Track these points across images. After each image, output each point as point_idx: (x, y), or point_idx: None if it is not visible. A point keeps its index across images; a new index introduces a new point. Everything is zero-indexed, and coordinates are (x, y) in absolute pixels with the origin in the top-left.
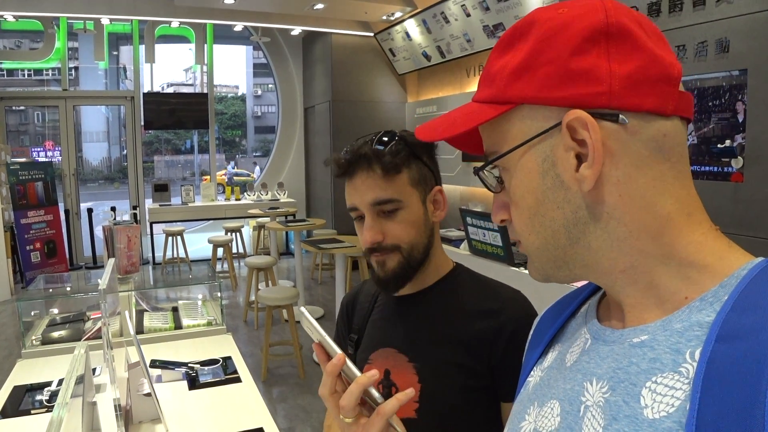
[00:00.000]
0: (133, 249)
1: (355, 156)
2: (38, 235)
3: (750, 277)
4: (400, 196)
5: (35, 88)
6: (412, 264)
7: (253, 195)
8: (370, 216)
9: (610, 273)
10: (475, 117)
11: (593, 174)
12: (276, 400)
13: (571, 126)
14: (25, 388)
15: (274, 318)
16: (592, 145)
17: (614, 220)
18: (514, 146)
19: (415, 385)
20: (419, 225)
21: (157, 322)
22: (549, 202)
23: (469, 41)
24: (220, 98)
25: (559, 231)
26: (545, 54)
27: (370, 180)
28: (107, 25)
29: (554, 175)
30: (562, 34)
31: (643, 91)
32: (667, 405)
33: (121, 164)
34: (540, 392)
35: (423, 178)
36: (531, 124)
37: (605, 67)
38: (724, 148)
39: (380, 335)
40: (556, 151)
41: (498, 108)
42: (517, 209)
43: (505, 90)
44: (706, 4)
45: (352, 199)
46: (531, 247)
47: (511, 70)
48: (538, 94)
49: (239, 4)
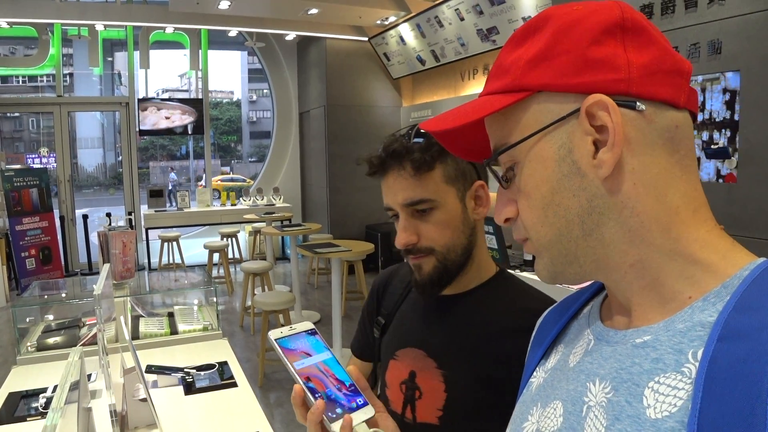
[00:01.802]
0: (128, 255)
1: (387, 153)
2: (33, 241)
3: (752, 278)
4: (433, 195)
5: (30, 94)
6: (450, 267)
7: (248, 200)
8: (403, 216)
9: (619, 268)
10: (489, 106)
11: (613, 157)
12: (273, 405)
13: (590, 111)
14: (21, 394)
15: (271, 323)
16: (613, 128)
17: (627, 210)
18: (530, 134)
19: (441, 393)
20: (456, 225)
21: (152, 327)
22: (564, 190)
23: (463, 45)
24: (215, 104)
25: (573, 221)
26: (563, 44)
27: (401, 179)
28: (101, 31)
29: (571, 161)
30: (579, 26)
31: (659, 81)
32: (670, 405)
33: (116, 170)
34: (543, 393)
35: (461, 174)
36: (547, 112)
37: (623, 56)
38: (717, 149)
39: (410, 333)
40: (572, 137)
41: (514, 96)
42: (529, 201)
43: (522, 78)
44: (698, 6)
45: (386, 199)
46: (543, 240)
47: (527, 59)
48: (557, 80)
49: (233, 10)
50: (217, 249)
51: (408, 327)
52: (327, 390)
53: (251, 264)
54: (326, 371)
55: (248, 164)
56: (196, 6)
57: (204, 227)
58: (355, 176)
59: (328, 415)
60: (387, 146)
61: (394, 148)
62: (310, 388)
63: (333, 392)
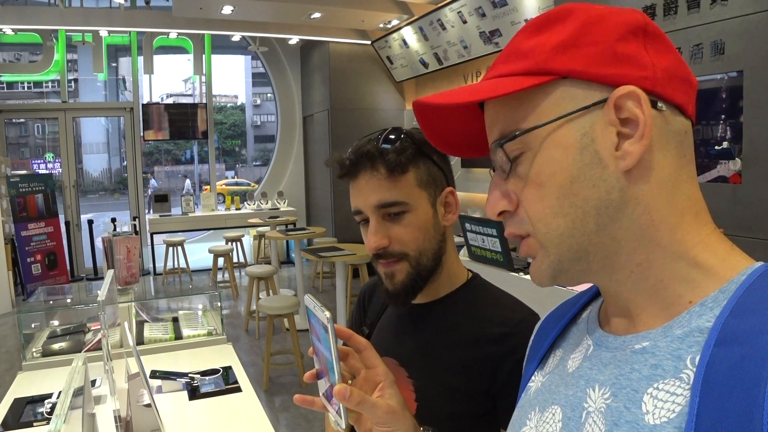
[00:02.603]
0: (132, 260)
1: (358, 155)
2: (39, 247)
3: (749, 282)
4: (406, 198)
5: (35, 100)
6: (422, 273)
7: (253, 204)
8: (374, 219)
9: (625, 267)
10: (509, 85)
11: (640, 149)
12: (278, 409)
13: (618, 103)
14: (26, 400)
15: (275, 327)
16: (644, 120)
17: (641, 207)
18: (551, 119)
19: (412, 403)
20: (428, 229)
21: (157, 332)
22: (585, 179)
23: (466, 48)
24: (219, 108)
25: (590, 213)
26: (591, 35)
27: (374, 181)
28: (105, 37)
29: (593, 151)
30: (606, 22)
31: (676, 86)
32: (668, 411)
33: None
34: (541, 397)
35: (432, 179)
36: (570, 99)
37: (647, 56)
38: (721, 150)
39: (386, 342)
40: (596, 126)
41: (537, 78)
42: (541, 190)
43: (547, 62)
44: (701, 7)
45: (355, 201)
46: (553, 234)
47: (554, 45)
48: (587, 68)
49: (237, 15)
50: (222, 253)
51: (384, 336)
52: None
53: (256, 268)
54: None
55: (252, 168)
56: (200, 11)
57: (209, 232)
58: None
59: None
60: (358, 148)
61: (367, 149)
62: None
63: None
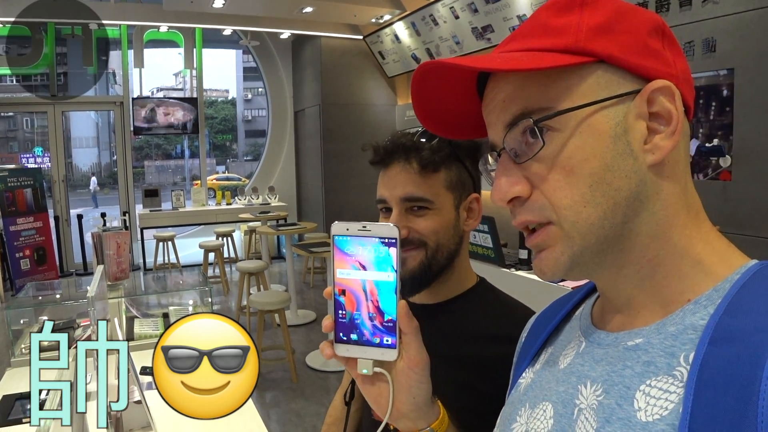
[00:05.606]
0: (122, 255)
1: (395, 145)
2: (28, 242)
3: (743, 281)
4: (432, 197)
5: (23, 94)
6: (433, 267)
7: (243, 199)
8: (397, 211)
9: (637, 262)
10: (548, 59)
11: (671, 144)
12: (269, 405)
13: (651, 96)
14: (15, 396)
15: (266, 322)
16: (678, 116)
17: (660, 202)
18: (588, 102)
19: None
20: (447, 229)
21: (147, 328)
22: (618, 169)
23: (458, 43)
24: (210, 102)
25: (620, 204)
26: (624, 24)
27: (404, 173)
28: (95, 30)
29: (626, 142)
30: (636, 14)
31: (689, 88)
32: (661, 408)
33: (111, 170)
34: (531, 394)
35: (461, 183)
36: (606, 85)
37: (669, 55)
38: (712, 147)
39: None
40: (627, 117)
41: (578, 57)
42: (571, 177)
43: (587, 42)
44: (693, 4)
45: (382, 190)
46: (584, 222)
47: (591, 26)
48: (624, 56)
49: (228, 9)
50: (213, 248)
51: None
52: (356, 312)
53: (247, 263)
54: (371, 293)
55: (243, 163)
56: (190, 5)
57: (199, 227)
58: (350, 175)
59: (339, 336)
60: (396, 138)
61: (403, 141)
62: (339, 303)
63: (361, 318)
